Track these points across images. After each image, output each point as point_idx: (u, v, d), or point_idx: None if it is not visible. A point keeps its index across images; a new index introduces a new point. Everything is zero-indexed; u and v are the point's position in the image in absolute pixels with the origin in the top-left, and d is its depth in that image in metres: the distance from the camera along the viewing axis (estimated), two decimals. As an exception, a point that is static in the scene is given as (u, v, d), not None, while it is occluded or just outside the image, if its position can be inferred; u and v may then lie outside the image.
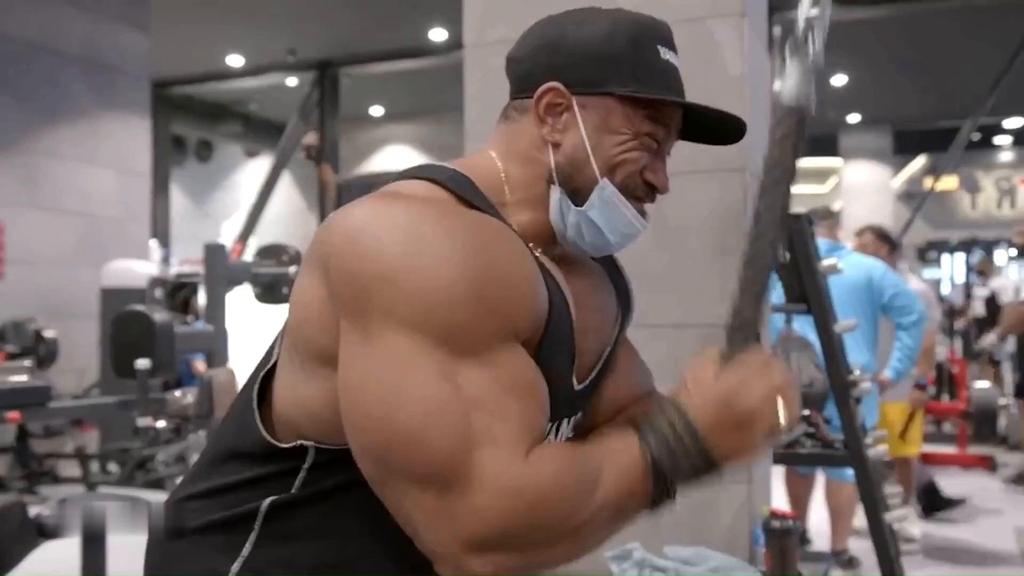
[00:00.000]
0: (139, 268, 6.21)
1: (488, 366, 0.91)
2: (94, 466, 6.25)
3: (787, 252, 2.73)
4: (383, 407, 0.89)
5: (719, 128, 1.12)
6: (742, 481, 2.27)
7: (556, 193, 1.06)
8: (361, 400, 0.90)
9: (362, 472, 0.95)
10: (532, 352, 0.98)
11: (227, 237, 11.75)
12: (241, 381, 2.80)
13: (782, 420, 0.94)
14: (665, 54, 1.07)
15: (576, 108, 1.04)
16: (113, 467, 6.28)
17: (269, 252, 3.17)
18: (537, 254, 1.05)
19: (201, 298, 6.92)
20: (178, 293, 6.41)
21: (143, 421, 2.40)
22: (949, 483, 6.39)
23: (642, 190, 1.08)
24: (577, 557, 0.94)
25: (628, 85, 1.03)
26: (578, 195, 1.06)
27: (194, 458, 6.58)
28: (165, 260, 7.52)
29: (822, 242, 3.46)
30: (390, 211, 0.95)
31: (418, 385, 0.88)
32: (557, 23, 1.09)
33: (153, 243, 7.25)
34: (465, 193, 1.02)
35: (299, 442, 1.01)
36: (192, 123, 13.17)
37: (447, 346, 0.89)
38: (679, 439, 0.93)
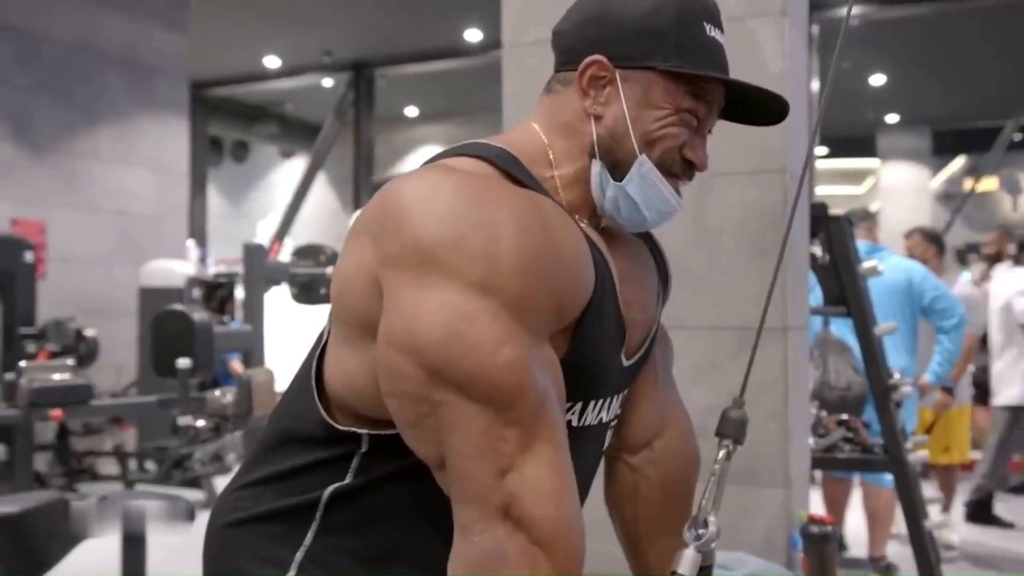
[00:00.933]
0: (177, 268, 6.28)
1: (542, 346, 0.92)
2: (132, 464, 6.34)
3: (827, 254, 2.70)
4: (450, 344, 0.88)
5: (761, 109, 1.11)
6: (780, 485, 2.25)
7: (597, 167, 1.06)
8: (423, 334, 0.89)
9: (407, 404, 0.92)
10: (575, 329, 0.99)
11: (263, 237, 11.85)
12: (280, 381, 2.82)
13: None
14: (711, 31, 1.06)
15: (619, 81, 1.04)
16: (150, 465, 6.36)
17: (307, 252, 3.19)
18: (583, 226, 1.06)
19: (238, 298, 7.01)
20: (215, 293, 6.48)
21: (184, 420, 2.42)
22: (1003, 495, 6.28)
23: (680, 166, 1.08)
24: None
25: (671, 60, 1.03)
26: (618, 169, 1.06)
27: (230, 457, 6.67)
28: (202, 260, 7.60)
29: (861, 244, 3.42)
30: (447, 181, 0.95)
31: (485, 337, 0.88)
32: None
33: (190, 243, 7.32)
34: (512, 170, 1.02)
35: (352, 429, 1.02)
36: (229, 124, 13.31)
37: (511, 313, 0.89)
38: None
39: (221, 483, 6.28)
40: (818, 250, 2.76)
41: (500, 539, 0.87)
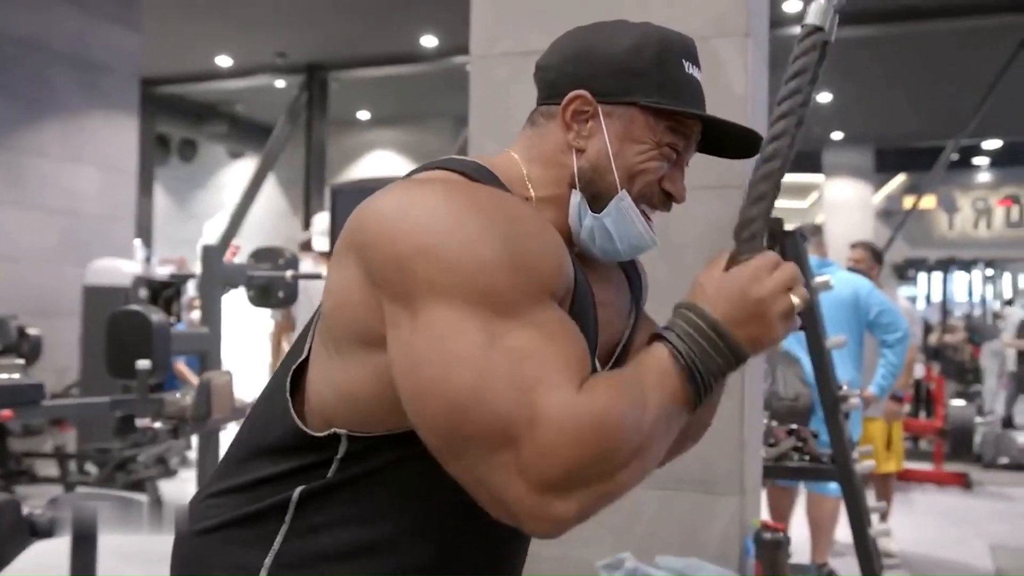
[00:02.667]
0: (124, 267, 6.18)
1: (529, 325, 0.94)
2: (71, 466, 6.21)
3: (781, 268, 2.77)
4: (437, 378, 0.91)
5: (736, 142, 1.16)
6: (735, 493, 2.30)
7: (576, 197, 1.10)
8: (416, 379, 0.92)
9: (432, 451, 0.95)
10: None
11: (210, 238, 11.69)
12: (237, 383, 2.80)
13: (796, 303, 0.99)
14: (689, 68, 1.10)
15: (601, 116, 1.08)
16: (91, 467, 6.23)
17: (265, 255, 3.17)
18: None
19: (185, 299, 6.89)
20: (161, 293, 6.37)
21: (142, 422, 2.39)
22: (925, 499, 6.47)
23: (659, 198, 1.12)
24: (646, 475, 0.95)
25: (652, 97, 1.07)
26: (597, 201, 1.09)
27: (175, 460, 6.56)
28: (147, 260, 7.48)
29: (812, 259, 3.51)
30: (420, 193, 0.99)
31: (467, 349, 0.91)
32: (586, 34, 1.13)
33: (137, 242, 7.20)
34: (485, 180, 1.05)
35: (333, 430, 1.03)
36: (177, 122, 13.12)
37: (489, 310, 0.92)
38: (705, 335, 0.96)
39: (166, 487, 6.20)
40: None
41: (564, 511, 0.90)
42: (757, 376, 2.43)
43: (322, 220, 5.48)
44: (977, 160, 16.09)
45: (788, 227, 2.83)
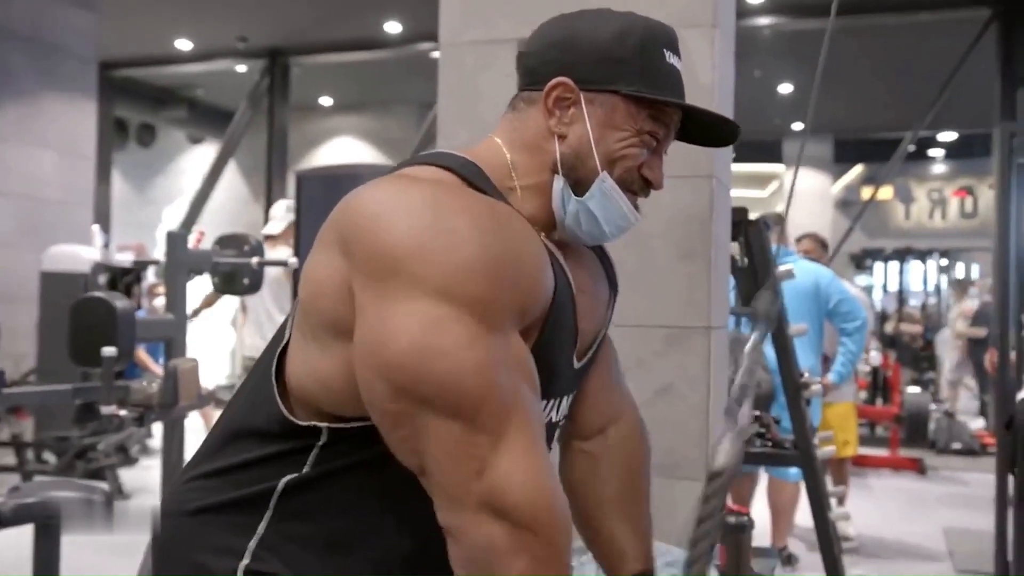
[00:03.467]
0: (83, 253, 6.09)
1: (507, 344, 0.96)
2: (29, 454, 6.12)
3: (745, 257, 2.81)
4: (413, 352, 0.92)
5: (714, 131, 1.19)
6: (700, 478, 2.34)
7: (559, 182, 1.11)
8: (388, 346, 0.93)
9: (382, 416, 0.96)
10: (537, 334, 1.04)
11: (170, 224, 11.54)
12: (204, 371, 2.78)
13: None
14: (670, 58, 1.12)
15: (583, 103, 1.10)
16: (49, 456, 6.15)
17: (230, 242, 3.15)
18: (542, 238, 1.11)
19: (144, 286, 6.79)
20: (121, 280, 6.29)
21: (107, 409, 2.37)
22: (880, 484, 6.60)
23: (638, 184, 1.14)
24: None
25: (634, 85, 1.09)
26: (579, 185, 1.11)
27: (135, 448, 6.48)
28: (106, 246, 7.37)
29: (773, 247, 3.55)
30: (412, 190, 0.99)
31: (448, 341, 0.92)
32: (570, 22, 1.14)
33: (95, 228, 7.10)
34: (474, 179, 1.06)
35: (313, 423, 1.04)
36: (135, 106, 12.90)
37: (472, 316, 0.93)
38: None
39: (126, 475, 6.14)
40: (736, 253, 2.87)
41: (484, 533, 0.92)
42: (722, 364, 2.47)
43: (280, 206, 5.46)
44: (933, 152, 16.35)
45: (751, 216, 2.87)
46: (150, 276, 7.28)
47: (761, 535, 4.53)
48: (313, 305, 1.04)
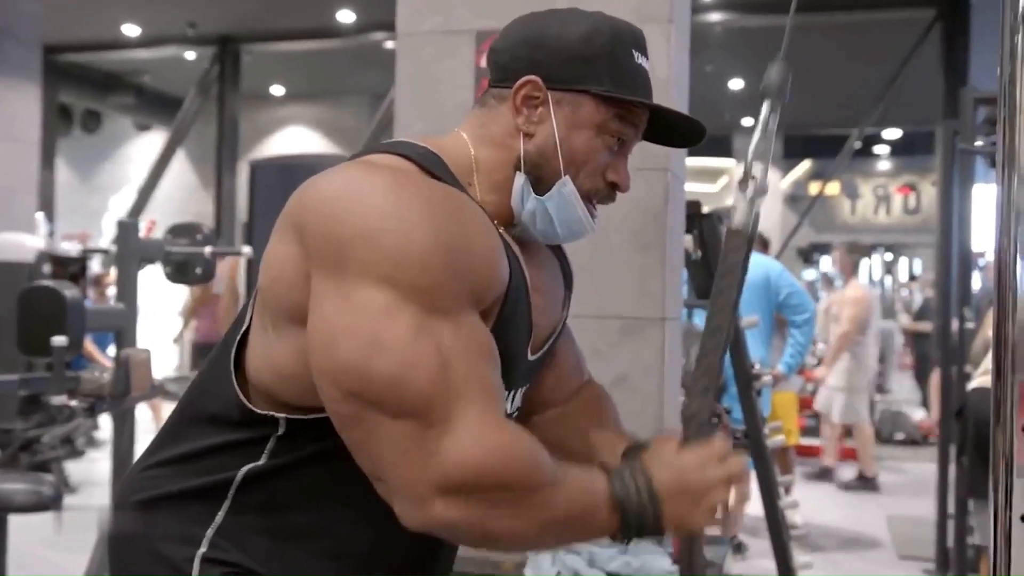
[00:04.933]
0: (28, 242, 5.96)
1: (457, 327, 0.97)
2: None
3: (699, 249, 2.85)
4: (360, 354, 0.93)
5: (680, 131, 1.20)
6: (653, 467, 2.37)
7: (520, 179, 1.12)
8: (336, 348, 0.94)
9: (333, 416, 0.97)
10: (493, 322, 1.04)
11: (117, 212, 11.33)
12: (155, 361, 2.74)
13: (730, 503, 1.04)
14: (638, 58, 1.14)
15: (551, 103, 1.10)
16: (-8, 448, 6.01)
17: (182, 231, 3.11)
18: (500, 231, 1.11)
19: (89, 276, 6.67)
20: (66, 270, 6.17)
21: (58, 400, 2.34)
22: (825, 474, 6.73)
23: (604, 192, 1.15)
24: (526, 544, 0.99)
25: (604, 85, 1.10)
26: (540, 184, 1.12)
27: (80, 441, 6.35)
28: (51, 234, 7.22)
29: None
30: (367, 177, 1.00)
31: (395, 335, 0.93)
32: (540, 20, 1.15)
33: (40, 216, 6.95)
34: (435, 169, 1.07)
35: (271, 413, 1.04)
36: (79, 92, 12.61)
37: (419, 303, 0.94)
38: (639, 494, 1.01)
39: (72, 467, 6.03)
40: (690, 246, 2.91)
41: (454, 514, 0.93)
42: (676, 355, 2.51)
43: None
44: (878, 149, 16.66)
45: (704, 210, 2.91)
46: (95, 266, 7.15)
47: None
48: (271, 292, 1.04)
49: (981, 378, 3.28)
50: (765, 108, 1.15)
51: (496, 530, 0.96)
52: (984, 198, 4.06)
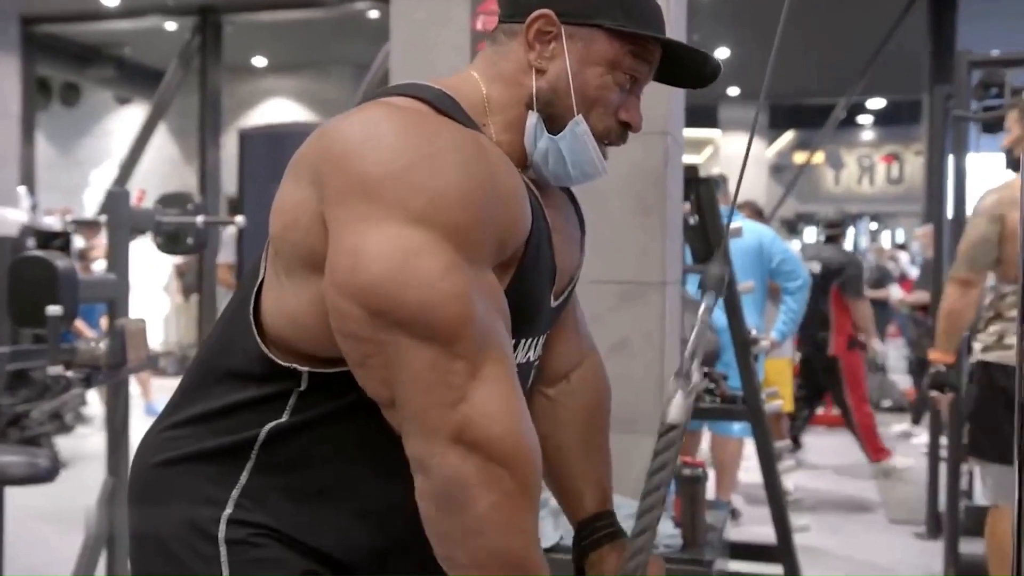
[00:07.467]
0: (10, 215, 5.89)
1: (483, 275, 0.95)
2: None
3: (696, 215, 2.84)
4: (391, 275, 0.90)
5: (693, 70, 1.16)
6: (655, 432, 2.37)
7: (533, 118, 1.09)
8: (365, 268, 0.90)
9: (350, 343, 0.94)
10: (516, 267, 1.03)
11: (98, 187, 11.19)
12: (149, 330, 2.71)
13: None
14: None
15: (564, 37, 1.08)
16: (-21, 424, 5.97)
17: (173, 200, 3.07)
18: (519, 173, 1.09)
19: (74, 248, 6.60)
20: (51, 243, 6.10)
21: (54, 370, 2.30)
22: (816, 441, 6.78)
23: (616, 133, 1.13)
24: (465, 551, 0.94)
25: (617, 19, 1.07)
26: (553, 123, 1.09)
27: (70, 416, 6.31)
28: (33, 208, 7.14)
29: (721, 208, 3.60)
30: (390, 118, 0.97)
31: (428, 266, 0.90)
32: None
33: (22, 190, 6.86)
34: (450, 111, 1.04)
35: (293, 365, 1.02)
36: (58, 64, 12.43)
37: (453, 244, 0.92)
38: None
39: (62, 443, 6.00)
40: (687, 211, 2.90)
41: (456, 465, 0.90)
42: (676, 319, 2.50)
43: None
44: (861, 119, 16.68)
45: (704, 175, 2.90)
46: (79, 241, 7.07)
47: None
48: (283, 239, 1.01)
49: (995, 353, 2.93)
50: (707, 300, 1.14)
51: (474, 502, 0.91)
52: (978, 166, 4.04)
